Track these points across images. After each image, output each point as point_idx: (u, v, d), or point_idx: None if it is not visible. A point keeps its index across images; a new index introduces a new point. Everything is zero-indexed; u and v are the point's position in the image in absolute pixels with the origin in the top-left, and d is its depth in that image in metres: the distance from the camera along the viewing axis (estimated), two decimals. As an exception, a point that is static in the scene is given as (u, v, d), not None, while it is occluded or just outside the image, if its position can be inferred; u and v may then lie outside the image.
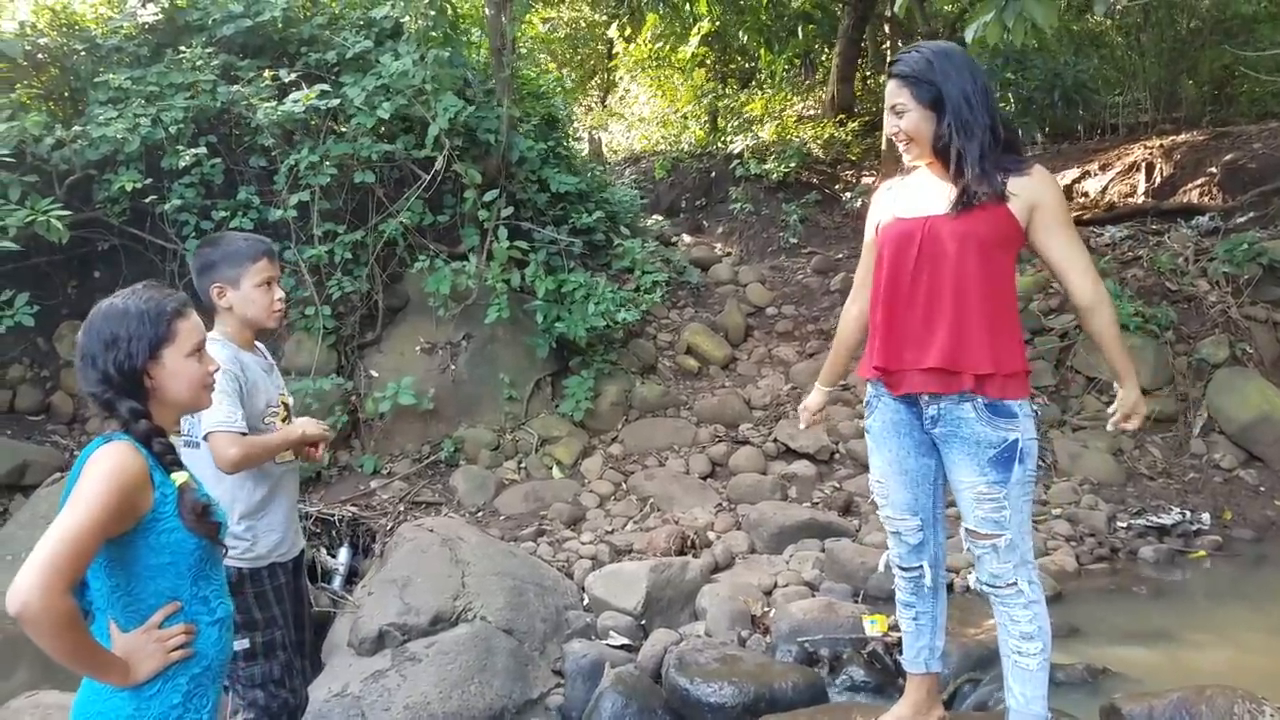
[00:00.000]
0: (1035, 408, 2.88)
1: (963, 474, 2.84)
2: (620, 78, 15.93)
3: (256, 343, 3.07)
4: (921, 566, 3.06)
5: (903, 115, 2.82)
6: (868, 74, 14.60)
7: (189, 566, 2.04)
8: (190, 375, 2.12)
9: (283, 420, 3.01)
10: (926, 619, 3.14)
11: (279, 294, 2.99)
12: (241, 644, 2.84)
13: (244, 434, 2.79)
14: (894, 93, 2.84)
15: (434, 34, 6.77)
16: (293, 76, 6.58)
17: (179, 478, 2.02)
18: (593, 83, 17.69)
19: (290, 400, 3.15)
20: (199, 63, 6.48)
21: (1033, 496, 2.90)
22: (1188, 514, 6.22)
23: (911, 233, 2.83)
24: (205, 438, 2.77)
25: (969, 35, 5.08)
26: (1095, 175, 11.23)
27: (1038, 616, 2.86)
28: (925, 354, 2.80)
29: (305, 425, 2.99)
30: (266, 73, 6.63)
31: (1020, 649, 2.88)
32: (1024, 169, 2.77)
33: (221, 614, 2.14)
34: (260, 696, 2.89)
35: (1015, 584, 2.84)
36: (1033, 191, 2.75)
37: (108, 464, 1.90)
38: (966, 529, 2.89)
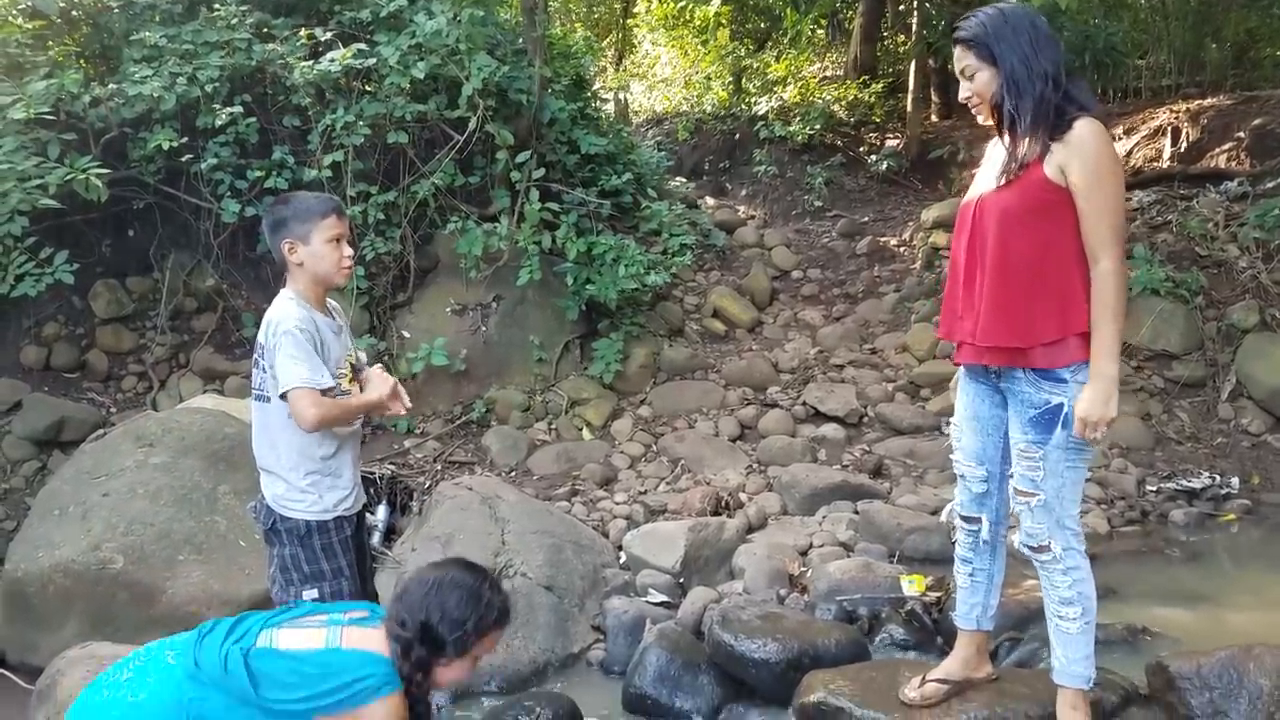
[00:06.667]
0: None
1: (1013, 429, 2.93)
2: (641, 38, 15.79)
3: (329, 302, 3.11)
4: (981, 519, 3.10)
5: (973, 77, 2.86)
6: (884, 35, 14.46)
7: None
8: None
9: (349, 381, 3.06)
10: (983, 576, 3.18)
11: (348, 251, 3.02)
12: (310, 594, 2.92)
13: (326, 390, 2.85)
14: (960, 57, 2.89)
15: (467, -9, 6.76)
16: (328, 36, 6.56)
17: None
18: (608, 40, 17.55)
19: (361, 357, 3.20)
20: (233, 21, 6.48)
21: (1084, 463, 2.88)
22: (1216, 478, 6.25)
23: (965, 215, 2.95)
24: (283, 395, 2.82)
25: (1013, -3, 5.04)
26: (1120, 139, 11.13)
27: (1077, 583, 2.89)
28: (966, 328, 2.91)
29: (378, 391, 3.05)
30: (302, 31, 6.62)
31: (1060, 613, 2.93)
32: (1064, 130, 2.73)
33: None
34: (328, 646, 2.96)
35: (1049, 547, 2.88)
36: (1064, 153, 2.73)
37: None
38: (1012, 485, 2.97)
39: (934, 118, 12.45)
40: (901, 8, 14.27)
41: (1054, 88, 2.75)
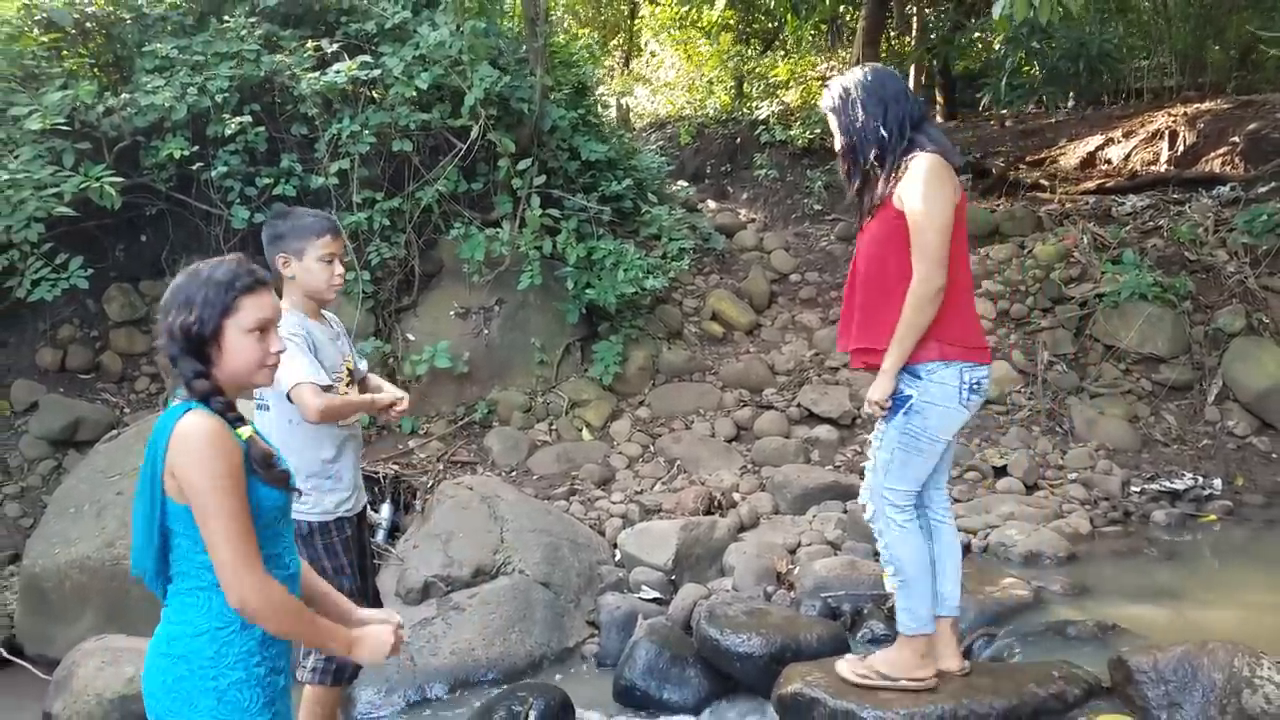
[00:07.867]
0: (972, 382, 3.25)
1: None
2: (646, 42, 15.91)
3: (324, 312, 3.29)
4: (866, 505, 3.56)
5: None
6: (891, 36, 14.59)
7: (267, 525, 2.09)
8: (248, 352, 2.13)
9: (345, 385, 3.23)
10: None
11: (339, 269, 3.19)
12: (313, 591, 3.08)
13: (328, 387, 3.03)
14: (830, 119, 3.46)
15: (470, 3, 6.91)
16: (334, 47, 6.74)
17: (244, 431, 2.07)
18: (614, 42, 17.72)
19: (361, 366, 3.38)
20: (243, 32, 6.65)
21: (917, 451, 3.30)
22: (1200, 479, 6.39)
23: (855, 237, 3.55)
24: (288, 395, 2.99)
25: (995, 11, 5.20)
26: (1119, 143, 11.27)
27: (888, 546, 3.41)
28: (844, 341, 3.51)
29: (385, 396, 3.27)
30: (309, 43, 6.79)
31: (886, 570, 3.47)
32: (903, 172, 3.20)
33: (293, 569, 2.22)
34: (329, 640, 3.13)
35: (868, 508, 3.48)
36: (899, 190, 3.21)
37: (203, 439, 1.97)
38: None
39: (938, 119, 12.57)
40: (909, 9, 14.43)
41: (897, 141, 3.24)
